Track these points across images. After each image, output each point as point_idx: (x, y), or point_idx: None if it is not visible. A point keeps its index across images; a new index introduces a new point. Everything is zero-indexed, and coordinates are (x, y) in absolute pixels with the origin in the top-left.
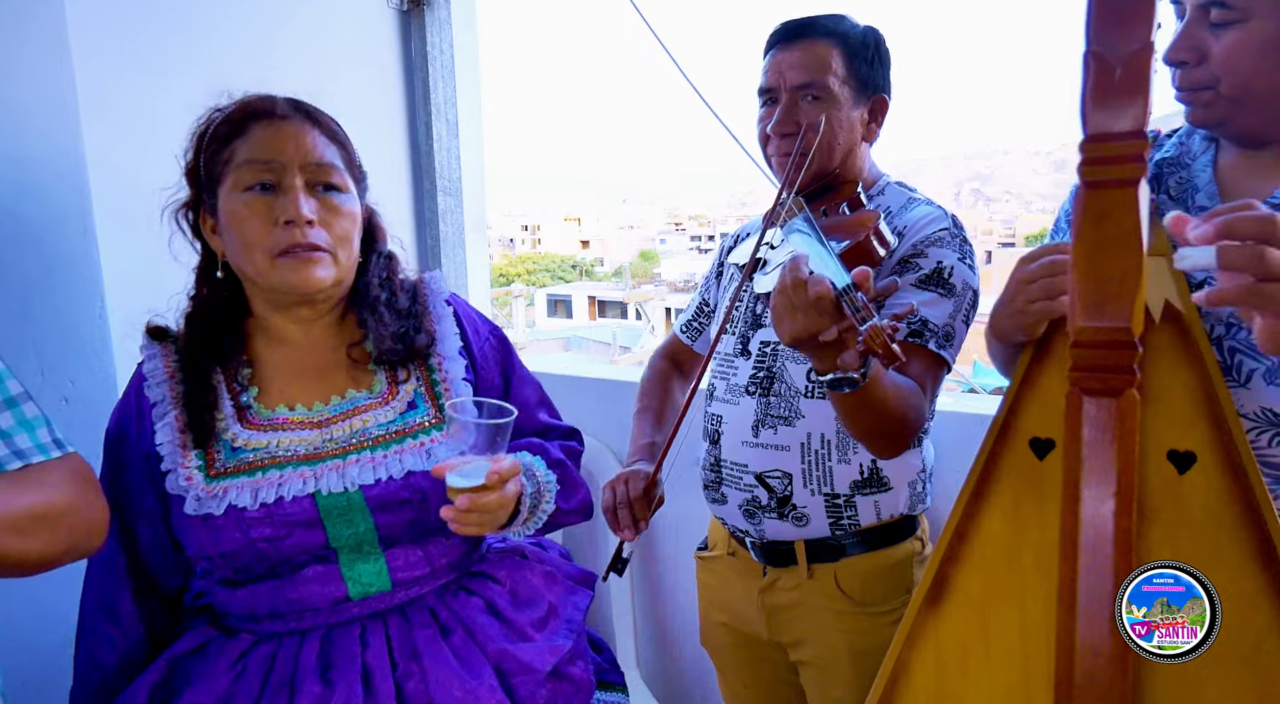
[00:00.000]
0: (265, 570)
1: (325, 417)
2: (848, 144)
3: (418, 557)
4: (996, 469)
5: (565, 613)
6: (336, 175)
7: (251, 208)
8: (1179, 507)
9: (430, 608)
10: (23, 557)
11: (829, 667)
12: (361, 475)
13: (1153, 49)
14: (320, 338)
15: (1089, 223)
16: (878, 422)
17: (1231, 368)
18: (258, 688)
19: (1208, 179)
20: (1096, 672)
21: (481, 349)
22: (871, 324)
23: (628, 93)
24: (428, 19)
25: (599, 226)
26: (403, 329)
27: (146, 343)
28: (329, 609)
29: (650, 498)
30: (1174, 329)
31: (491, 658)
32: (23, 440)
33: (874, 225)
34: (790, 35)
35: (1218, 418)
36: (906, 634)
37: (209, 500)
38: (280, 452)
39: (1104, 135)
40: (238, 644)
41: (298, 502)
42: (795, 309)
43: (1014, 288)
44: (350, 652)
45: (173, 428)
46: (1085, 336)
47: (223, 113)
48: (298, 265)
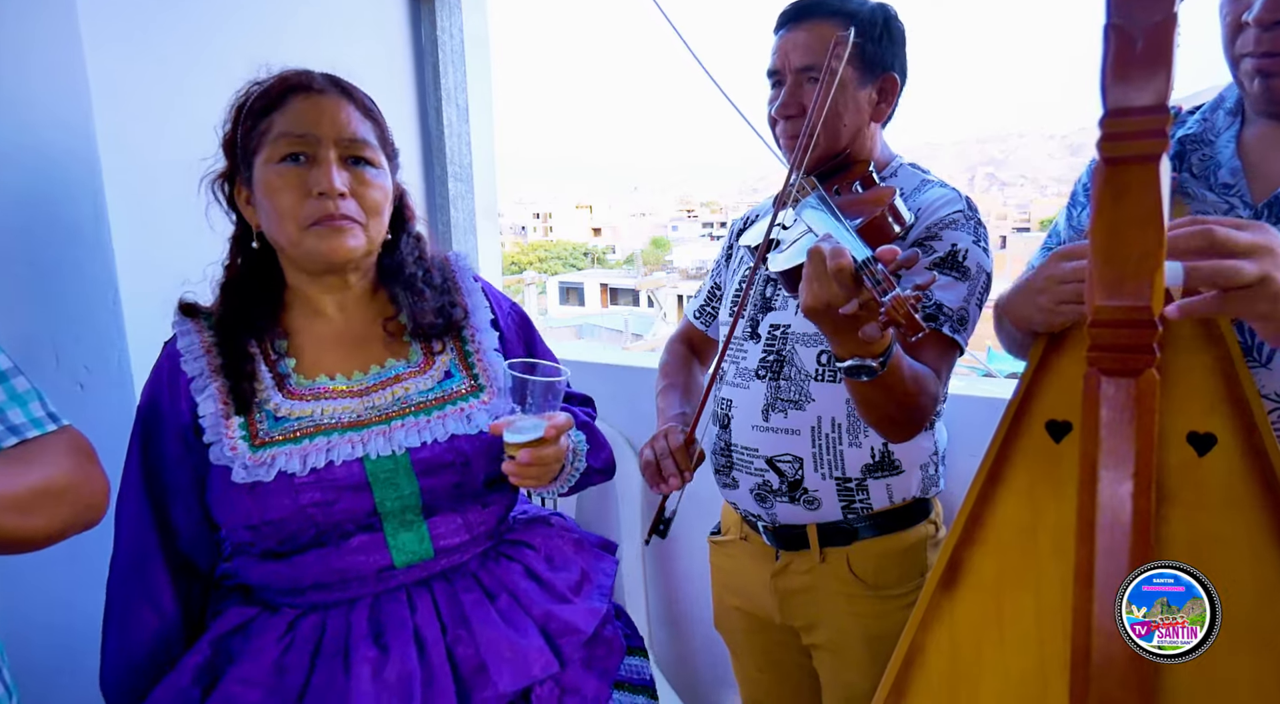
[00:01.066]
0: (311, 538)
1: (366, 386)
2: (855, 124)
3: (457, 523)
4: (1012, 452)
5: (596, 578)
6: (369, 150)
7: (285, 179)
8: (1198, 489)
9: (473, 573)
10: (29, 534)
11: (842, 650)
12: (408, 439)
13: (1175, 20)
14: (354, 311)
15: (1108, 200)
16: (893, 409)
17: (1253, 348)
18: (308, 658)
19: (1230, 154)
20: (1114, 653)
21: (507, 324)
22: (894, 294)
23: (640, 80)
24: (438, 4)
25: (611, 214)
26: (440, 304)
27: (179, 319)
28: (374, 577)
29: (690, 452)
30: None
31: (537, 620)
32: (16, 415)
33: (889, 201)
34: (797, 16)
35: (1238, 399)
36: (921, 617)
37: (257, 468)
38: (325, 419)
39: (1124, 110)
40: (282, 618)
41: (347, 466)
42: (812, 279)
43: (1043, 283)
44: (400, 617)
45: (215, 399)
46: (1104, 316)
47: (261, 86)
48: (327, 234)
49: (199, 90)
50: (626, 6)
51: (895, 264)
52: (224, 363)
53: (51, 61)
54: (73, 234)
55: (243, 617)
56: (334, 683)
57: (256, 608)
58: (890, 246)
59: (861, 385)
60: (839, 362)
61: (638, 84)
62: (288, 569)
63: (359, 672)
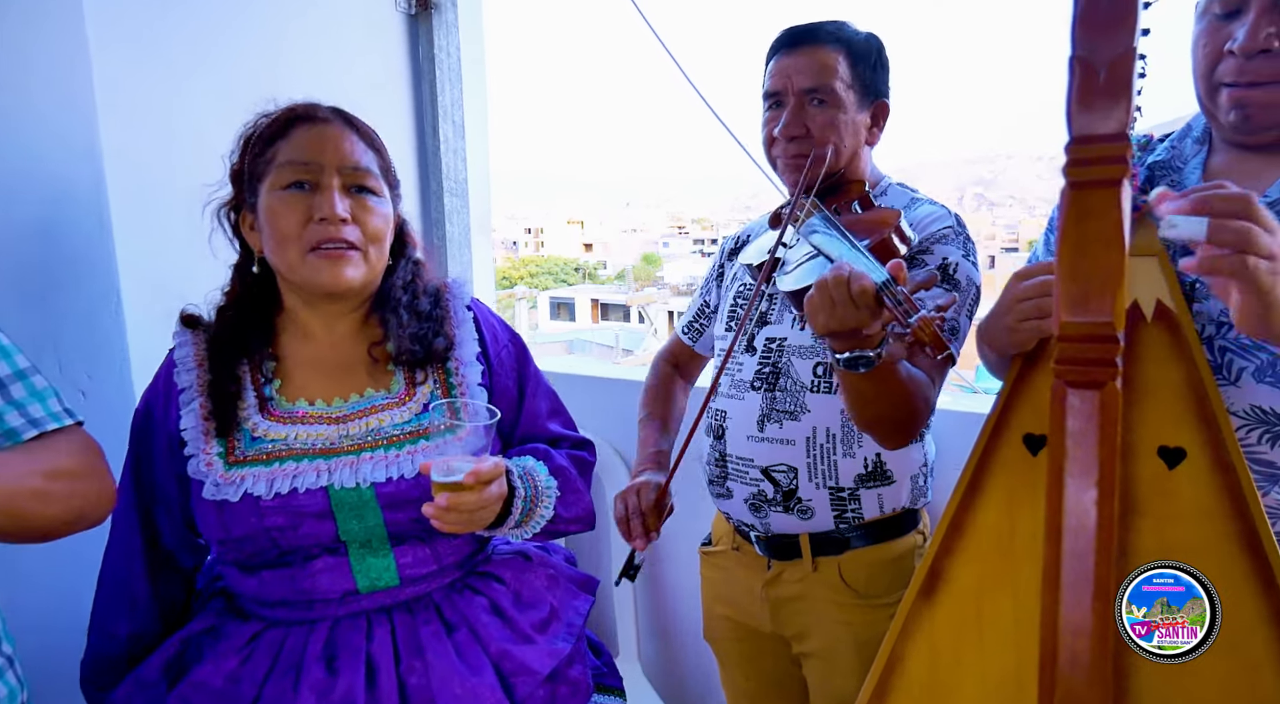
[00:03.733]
0: (276, 557)
1: (343, 413)
2: (853, 146)
3: (425, 554)
4: (991, 464)
5: (566, 616)
6: (371, 179)
7: (288, 204)
8: (1168, 501)
9: (436, 605)
10: (44, 522)
11: (833, 658)
12: (374, 473)
13: (1135, 54)
14: (344, 335)
15: (1073, 221)
16: (887, 406)
17: (1222, 366)
18: (264, 671)
19: (1197, 179)
20: (1079, 651)
21: (499, 355)
22: (921, 315)
23: (631, 96)
24: (435, 22)
25: (602, 230)
26: (421, 331)
27: (179, 330)
28: (338, 601)
29: (661, 508)
30: (1165, 327)
31: (493, 657)
32: (36, 410)
33: (895, 223)
34: (796, 41)
35: (1208, 415)
36: (901, 626)
37: (226, 487)
38: (297, 444)
39: (1088, 137)
40: (249, 628)
41: (311, 494)
42: (835, 304)
43: (1007, 303)
44: (355, 644)
45: (197, 415)
46: (1069, 331)
47: (268, 117)
48: (328, 263)
49: (200, 105)
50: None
51: (914, 286)
52: (211, 381)
53: (58, 76)
54: (77, 242)
55: (216, 620)
56: (282, 699)
57: (230, 614)
58: (896, 261)
59: (857, 379)
60: (836, 356)
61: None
62: (256, 582)
63: (305, 692)
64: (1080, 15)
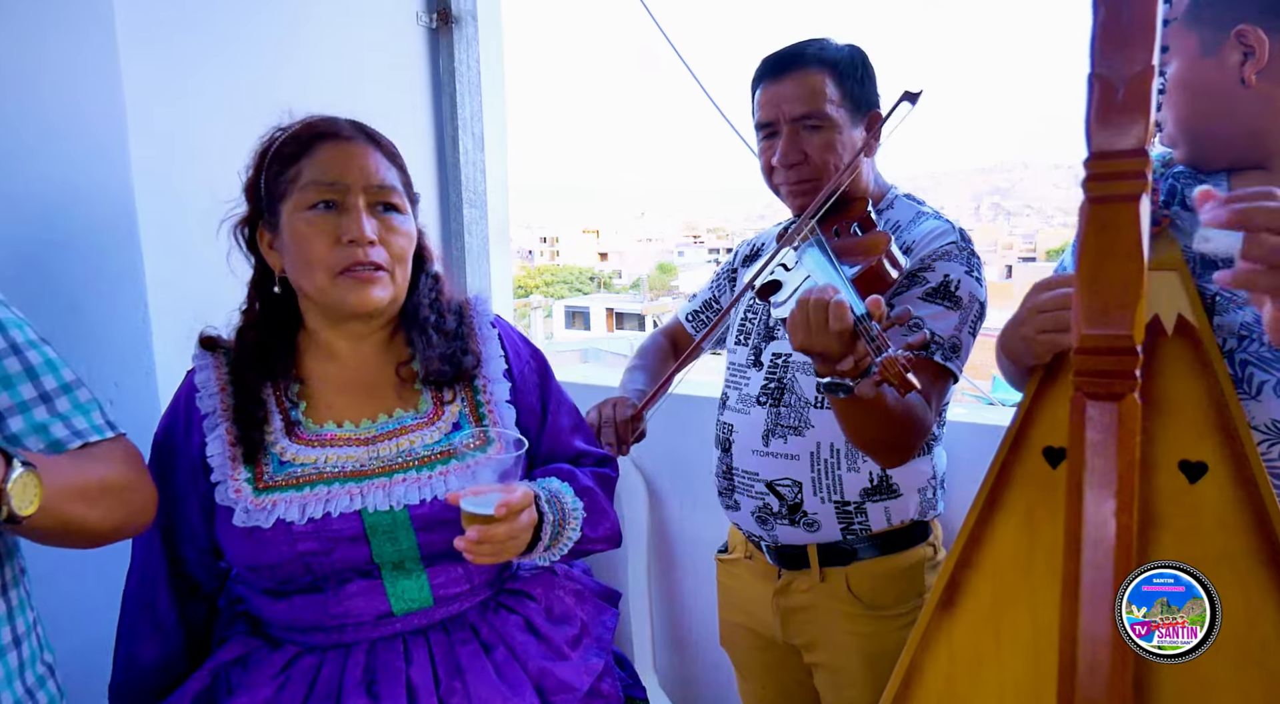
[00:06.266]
0: (308, 583)
1: (372, 435)
2: (853, 164)
3: (458, 573)
4: (1010, 477)
5: (596, 631)
6: (396, 196)
7: (315, 226)
8: (1190, 515)
9: (471, 624)
10: (93, 525)
11: (841, 668)
12: (408, 495)
13: (1154, 71)
14: (370, 355)
15: (1092, 235)
16: (878, 430)
17: (1243, 380)
18: (301, 699)
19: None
20: (1098, 661)
21: (521, 372)
22: (886, 356)
23: (646, 106)
24: (456, 36)
25: (617, 239)
26: (450, 351)
27: (199, 353)
28: (372, 624)
29: (634, 427)
30: (1186, 342)
31: (532, 676)
32: (80, 422)
33: (886, 248)
34: (780, 68)
35: (1229, 429)
36: (920, 637)
37: (257, 513)
38: (328, 468)
39: (1107, 153)
40: (282, 655)
41: (344, 518)
42: (811, 327)
43: (1025, 314)
44: (395, 667)
45: (223, 440)
46: (1088, 343)
47: (286, 131)
48: (357, 285)
49: (224, 121)
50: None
51: (889, 322)
52: (235, 405)
53: (90, 95)
54: (105, 254)
55: (245, 648)
56: None
57: (259, 640)
58: (875, 297)
59: (843, 403)
60: (819, 378)
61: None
62: (287, 608)
63: None
64: (1099, 32)
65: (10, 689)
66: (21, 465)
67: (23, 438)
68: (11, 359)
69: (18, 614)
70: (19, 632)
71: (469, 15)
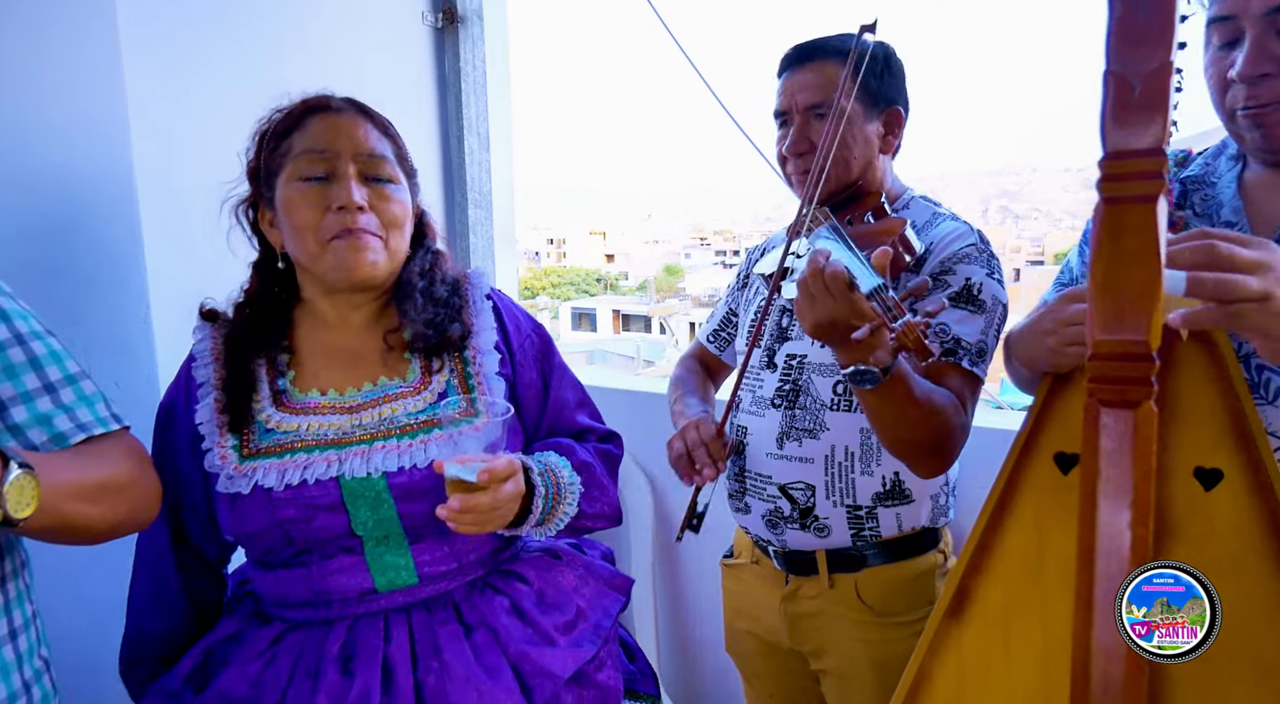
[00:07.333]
0: (292, 555)
1: (356, 403)
2: (865, 157)
3: (444, 552)
4: (1020, 483)
5: (594, 617)
6: (387, 167)
7: (306, 195)
8: (1205, 523)
9: (455, 604)
10: (92, 524)
11: (849, 676)
12: (386, 462)
13: (1171, 69)
14: (360, 324)
15: (1108, 238)
16: (909, 428)
17: (1259, 385)
18: (286, 674)
19: (1233, 194)
20: (1112, 674)
21: (521, 345)
22: (905, 321)
23: (653, 108)
24: (461, 36)
25: (624, 241)
26: (436, 317)
27: (199, 324)
28: (356, 600)
29: (723, 443)
30: (1201, 347)
31: (511, 659)
32: (84, 414)
33: (900, 232)
34: (800, 58)
35: (1245, 435)
36: (929, 644)
37: (239, 479)
38: (309, 435)
39: (1123, 152)
40: (270, 631)
41: (322, 485)
42: (814, 298)
43: (1051, 324)
44: (373, 644)
45: (212, 409)
46: (1103, 350)
47: (282, 112)
48: (347, 250)
49: (228, 116)
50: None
51: (906, 292)
52: (226, 376)
53: (93, 91)
54: (108, 250)
55: (238, 625)
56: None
57: (252, 618)
58: (885, 249)
59: (869, 396)
60: (843, 369)
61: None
62: (274, 582)
63: (322, 696)
64: (1115, 29)
65: (6, 682)
66: (19, 467)
67: (26, 429)
68: (16, 349)
69: (14, 606)
70: (15, 624)
71: (475, 15)
